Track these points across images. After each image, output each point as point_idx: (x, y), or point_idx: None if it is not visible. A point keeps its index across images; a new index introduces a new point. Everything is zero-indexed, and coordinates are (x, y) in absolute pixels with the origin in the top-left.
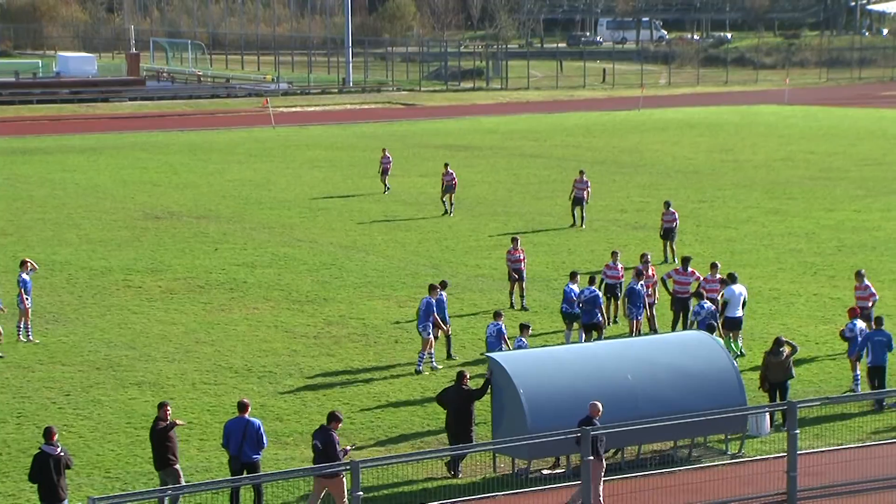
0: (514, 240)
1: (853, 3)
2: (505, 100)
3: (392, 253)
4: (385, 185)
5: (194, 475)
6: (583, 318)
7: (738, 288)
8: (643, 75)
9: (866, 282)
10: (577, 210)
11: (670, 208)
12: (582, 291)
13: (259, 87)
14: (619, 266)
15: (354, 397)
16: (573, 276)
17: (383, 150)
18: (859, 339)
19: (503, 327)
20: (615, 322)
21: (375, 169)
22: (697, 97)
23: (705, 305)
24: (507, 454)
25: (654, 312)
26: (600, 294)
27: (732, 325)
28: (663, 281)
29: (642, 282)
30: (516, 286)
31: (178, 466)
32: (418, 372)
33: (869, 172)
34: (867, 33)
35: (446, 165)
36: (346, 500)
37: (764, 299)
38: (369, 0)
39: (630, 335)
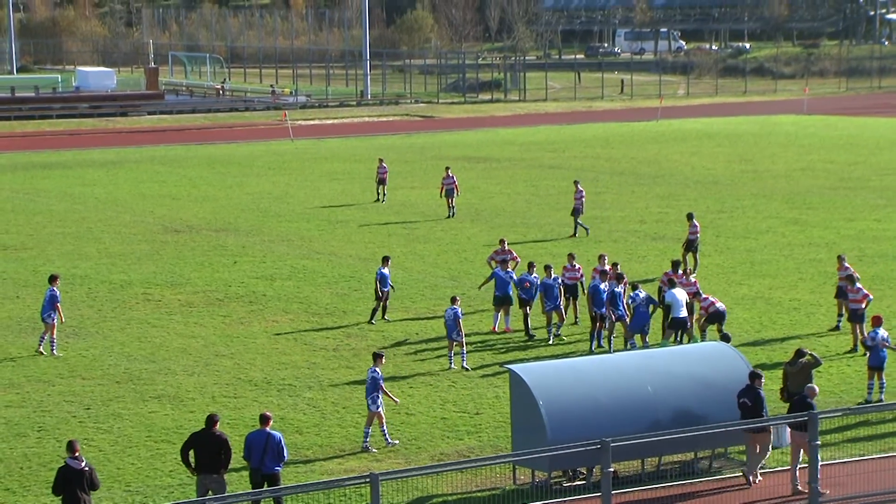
0: (502, 241)
1: (872, 13)
2: (523, 111)
3: (411, 265)
4: (378, 194)
5: None
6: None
7: (677, 292)
8: (661, 86)
9: (858, 285)
10: (574, 219)
11: (693, 220)
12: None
13: (278, 101)
14: (578, 267)
15: None
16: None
17: (380, 159)
18: (882, 350)
19: (459, 311)
20: (575, 323)
21: (394, 182)
22: (716, 107)
23: (640, 294)
24: (527, 466)
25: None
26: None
27: (678, 325)
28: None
29: (605, 282)
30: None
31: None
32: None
33: (889, 182)
34: (886, 42)
35: (447, 169)
36: (768, 454)
37: (784, 309)
38: (387, 12)
39: (593, 333)
